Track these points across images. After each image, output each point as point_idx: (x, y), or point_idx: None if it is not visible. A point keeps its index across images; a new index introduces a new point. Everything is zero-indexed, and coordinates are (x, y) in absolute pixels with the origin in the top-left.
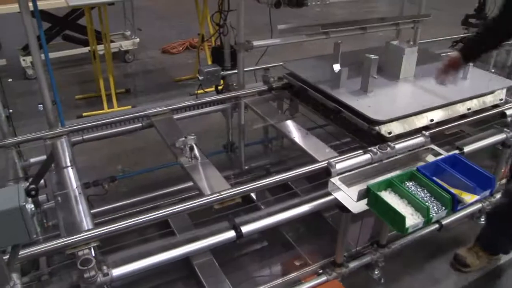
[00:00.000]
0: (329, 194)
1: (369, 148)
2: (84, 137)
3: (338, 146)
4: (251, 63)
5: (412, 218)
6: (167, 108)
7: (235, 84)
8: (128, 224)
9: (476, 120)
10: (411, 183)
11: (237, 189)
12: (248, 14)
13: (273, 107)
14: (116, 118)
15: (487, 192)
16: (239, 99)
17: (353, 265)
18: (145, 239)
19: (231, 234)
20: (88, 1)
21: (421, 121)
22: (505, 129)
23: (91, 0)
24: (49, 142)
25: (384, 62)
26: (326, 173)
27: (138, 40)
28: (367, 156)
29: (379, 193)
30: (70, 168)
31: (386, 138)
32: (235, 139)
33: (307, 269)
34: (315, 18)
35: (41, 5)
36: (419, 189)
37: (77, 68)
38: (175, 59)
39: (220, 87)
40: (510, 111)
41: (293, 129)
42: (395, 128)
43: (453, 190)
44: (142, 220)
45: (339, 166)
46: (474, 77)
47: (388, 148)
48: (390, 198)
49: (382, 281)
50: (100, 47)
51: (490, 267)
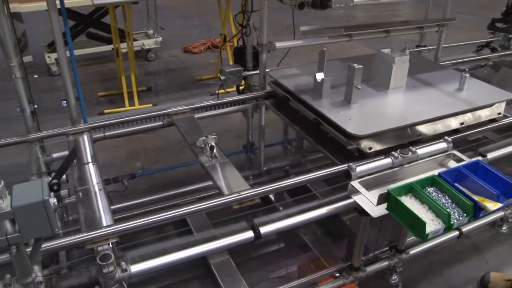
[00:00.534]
0: (348, 197)
1: (391, 152)
2: (106, 134)
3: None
4: (273, 64)
5: (433, 224)
6: (188, 107)
7: (257, 85)
8: (148, 222)
9: (473, 136)
10: (432, 189)
11: (257, 190)
12: (270, 15)
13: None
14: (138, 116)
15: (511, 200)
16: (260, 100)
17: (371, 269)
18: (163, 237)
19: (250, 235)
20: (113, 0)
21: (407, 136)
22: None
23: None
24: (72, 138)
25: (374, 71)
26: (346, 176)
27: (161, 39)
28: (388, 160)
29: (400, 198)
30: (91, 164)
31: (366, 154)
32: (255, 140)
33: (324, 272)
34: (337, 20)
35: (67, 3)
36: (440, 195)
37: (100, 66)
38: (197, 59)
39: (241, 88)
40: None
41: None
42: (376, 144)
43: (475, 197)
44: (161, 218)
45: (360, 169)
46: (471, 89)
47: (410, 153)
48: (411, 203)
49: (400, 287)
50: (123, 45)
51: None
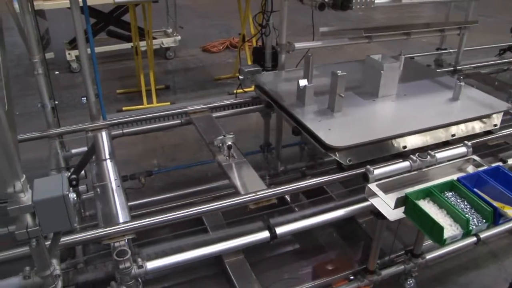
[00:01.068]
0: (365, 200)
1: (409, 156)
2: (124, 131)
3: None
4: (292, 65)
5: (451, 229)
6: (206, 106)
7: None
8: (165, 219)
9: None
10: (451, 194)
11: (274, 190)
12: (289, 15)
13: None
14: (156, 114)
15: None
16: None
17: (386, 273)
18: (178, 235)
19: (265, 235)
20: None
21: (391, 148)
22: None
23: None
24: (91, 134)
25: (364, 79)
26: (364, 179)
27: (179, 38)
28: (406, 164)
29: (418, 202)
30: (109, 161)
31: (345, 167)
32: (272, 140)
33: (339, 274)
34: (356, 22)
35: (89, 1)
36: (459, 200)
37: (119, 63)
38: (215, 58)
39: None
40: None
41: None
42: (357, 156)
43: (495, 203)
44: (178, 216)
45: (377, 172)
46: (467, 98)
47: (428, 157)
48: (429, 208)
49: None
50: (143, 44)
51: None
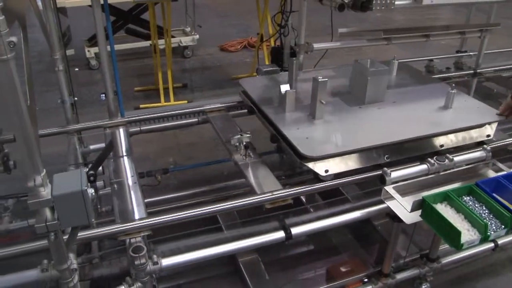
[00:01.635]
0: (381, 202)
1: (427, 159)
2: (142, 128)
3: None
4: (310, 65)
5: (468, 234)
6: (224, 105)
7: None
8: (181, 216)
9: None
10: (469, 198)
11: (290, 190)
12: (307, 16)
13: None
14: (174, 112)
15: None
16: None
17: (400, 277)
18: (192, 233)
19: (281, 235)
20: None
21: (373, 158)
22: None
23: None
24: (109, 131)
25: (352, 84)
26: (381, 181)
27: (198, 37)
28: (424, 167)
29: (435, 205)
30: (127, 158)
31: (322, 178)
32: None
33: (353, 277)
34: (374, 23)
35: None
36: (477, 205)
37: (137, 61)
38: (233, 57)
39: None
40: None
41: None
42: (334, 166)
43: None
44: (194, 214)
45: (394, 175)
46: (459, 107)
47: (446, 160)
48: (446, 212)
49: None
50: (161, 42)
51: None
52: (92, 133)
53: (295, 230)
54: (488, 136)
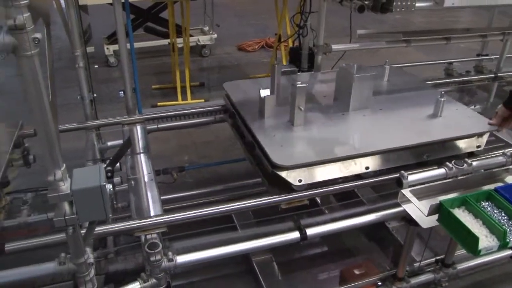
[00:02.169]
0: (397, 205)
1: (445, 163)
2: (159, 126)
3: None
4: (328, 66)
5: (486, 240)
6: None
7: None
8: (197, 214)
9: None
10: (487, 203)
11: (306, 191)
12: (326, 17)
13: None
14: (191, 110)
15: None
16: None
17: (415, 281)
18: (206, 231)
19: (296, 235)
20: None
21: (350, 169)
22: None
23: None
24: (127, 128)
25: (337, 90)
26: (397, 184)
27: (216, 36)
28: (442, 171)
29: (452, 210)
30: (144, 155)
31: (295, 187)
32: None
33: (367, 280)
34: (393, 25)
35: None
36: (496, 211)
37: (155, 59)
38: (250, 57)
39: None
40: None
41: None
42: (309, 176)
43: None
44: (210, 212)
45: (411, 178)
46: (449, 115)
47: (465, 165)
48: (464, 217)
49: None
50: (179, 40)
51: None
52: (110, 130)
53: (310, 231)
54: (479, 147)
